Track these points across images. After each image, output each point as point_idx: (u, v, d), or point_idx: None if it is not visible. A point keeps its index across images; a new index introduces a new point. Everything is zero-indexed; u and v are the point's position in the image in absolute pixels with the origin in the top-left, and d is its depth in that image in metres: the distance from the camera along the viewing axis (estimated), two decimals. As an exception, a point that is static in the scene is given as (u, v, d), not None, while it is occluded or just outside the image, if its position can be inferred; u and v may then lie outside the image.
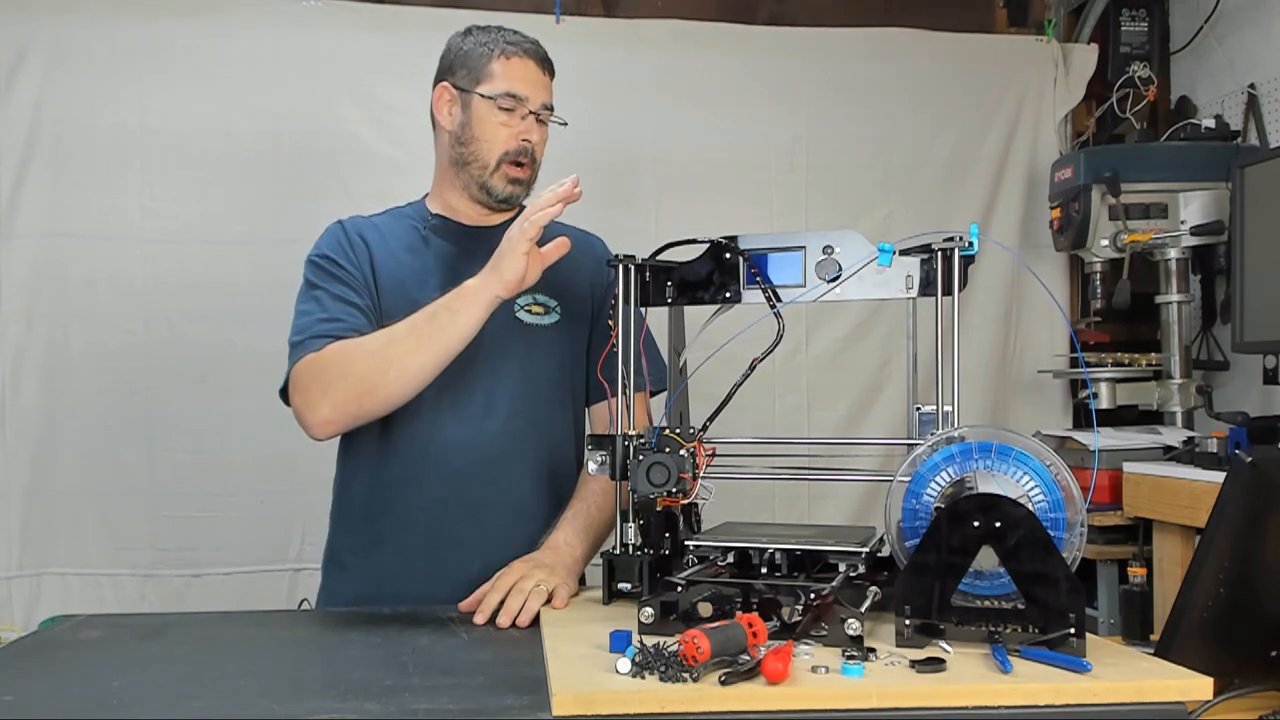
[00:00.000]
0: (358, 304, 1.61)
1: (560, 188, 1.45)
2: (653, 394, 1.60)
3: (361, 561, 1.67)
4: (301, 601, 1.84)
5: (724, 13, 2.89)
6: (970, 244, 1.31)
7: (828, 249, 1.39)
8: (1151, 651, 1.24)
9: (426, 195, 1.78)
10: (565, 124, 1.72)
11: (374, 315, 1.62)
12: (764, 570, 1.32)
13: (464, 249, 1.69)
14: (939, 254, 1.32)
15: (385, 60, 2.62)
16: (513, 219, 1.75)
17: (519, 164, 1.67)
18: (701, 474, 1.33)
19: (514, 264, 1.46)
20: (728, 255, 1.44)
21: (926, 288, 1.35)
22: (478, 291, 1.49)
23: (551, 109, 1.70)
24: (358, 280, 1.63)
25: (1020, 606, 1.12)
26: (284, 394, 1.61)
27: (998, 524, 1.11)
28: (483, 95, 1.65)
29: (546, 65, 1.70)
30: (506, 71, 1.66)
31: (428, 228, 1.71)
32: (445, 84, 1.70)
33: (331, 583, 1.71)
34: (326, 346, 1.54)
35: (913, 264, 1.36)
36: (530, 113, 1.66)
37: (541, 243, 1.74)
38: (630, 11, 2.87)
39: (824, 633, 1.15)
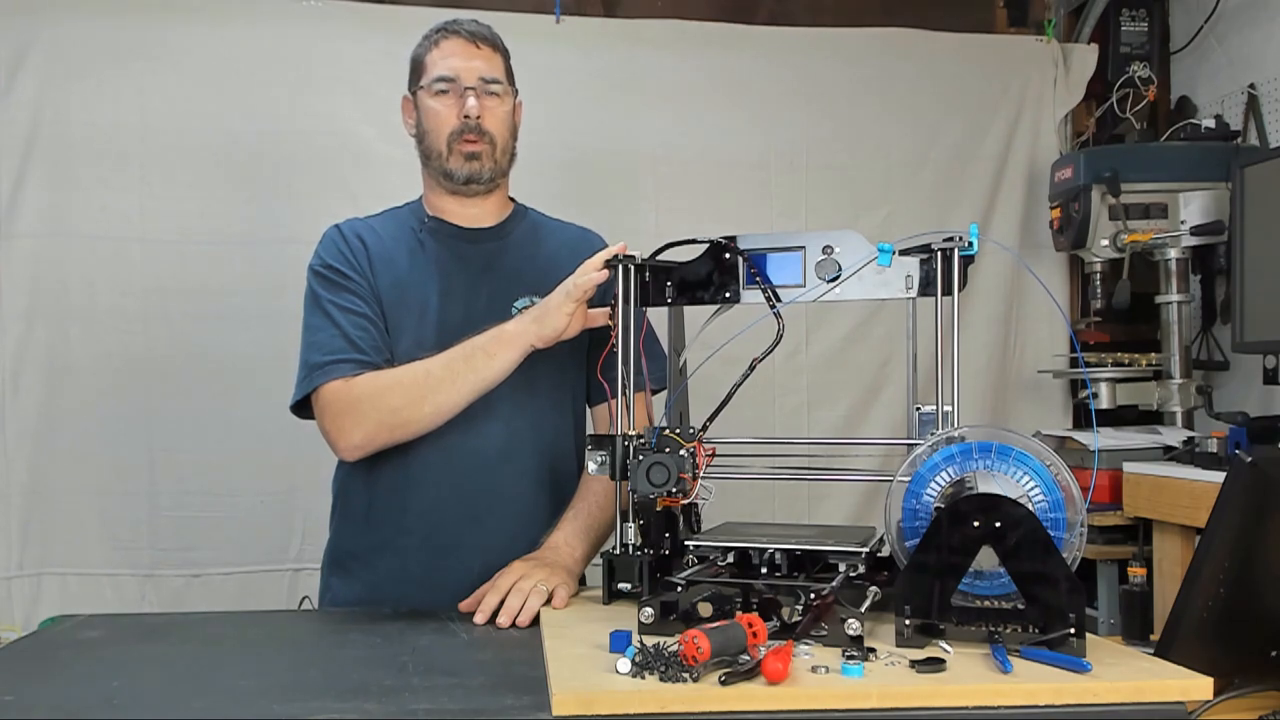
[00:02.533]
0: (369, 315, 1.61)
1: (607, 252, 1.46)
2: (654, 392, 1.60)
3: (362, 566, 1.67)
4: (302, 600, 1.84)
5: (724, 13, 2.90)
6: (970, 244, 1.31)
7: (827, 249, 1.39)
8: (1151, 651, 1.24)
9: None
10: (515, 88, 1.71)
11: (383, 322, 1.63)
12: (764, 570, 1.32)
13: (460, 252, 1.70)
14: (939, 254, 1.32)
15: (385, 60, 2.60)
16: (511, 220, 1.75)
17: (469, 140, 1.65)
18: (701, 474, 1.33)
19: (555, 322, 1.49)
20: (727, 255, 1.44)
21: (926, 288, 1.35)
22: (515, 337, 1.52)
23: (495, 80, 1.67)
24: (364, 288, 1.63)
25: (1020, 606, 1.12)
26: (296, 406, 1.62)
27: (998, 524, 1.11)
28: (422, 88, 1.67)
29: (480, 39, 1.68)
30: (436, 58, 1.67)
31: (424, 230, 1.71)
32: (405, 96, 1.73)
33: (332, 586, 1.71)
34: (359, 375, 1.56)
35: (912, 264, 1.36)
36: (468, 88, 1.64)
37: (531, 238, 1.75)
38: (630, 11, 2.87)
39: (824, 633, 1.15)
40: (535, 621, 1.36)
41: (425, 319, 1.64)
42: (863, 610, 1.17)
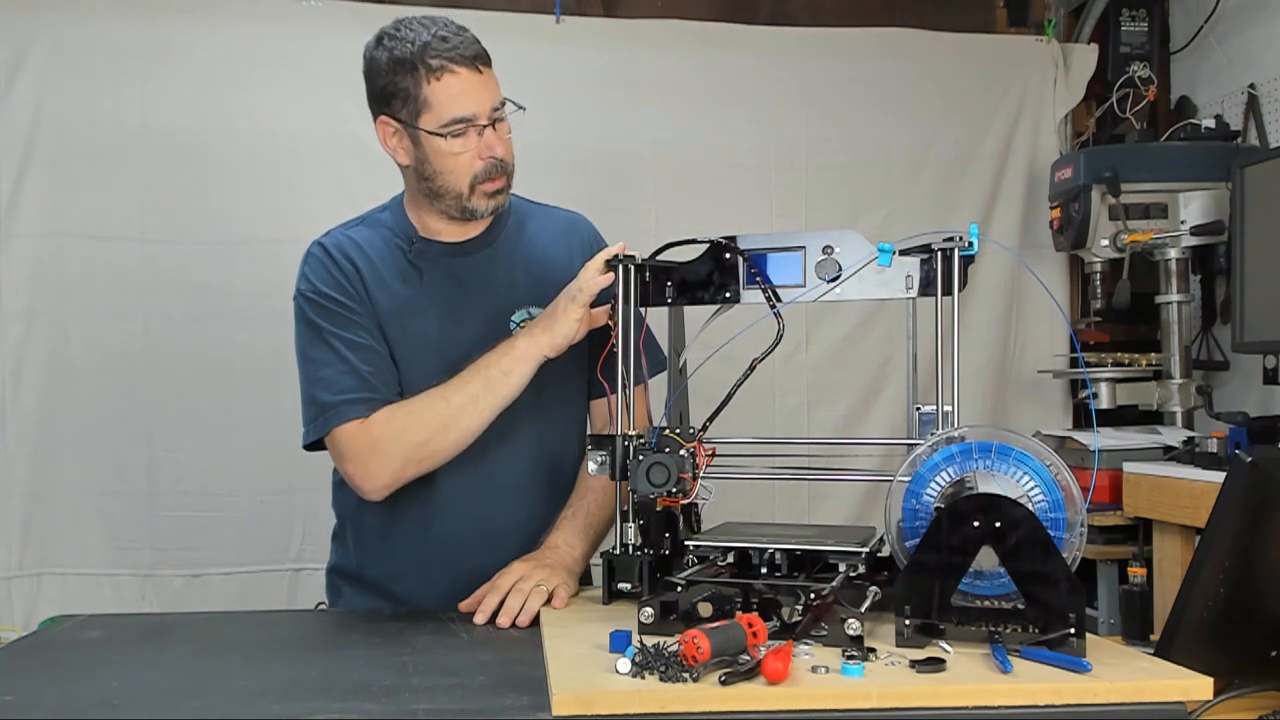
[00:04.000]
0: (374, 347, 1.57)
1: (607, 252, 1.45)
2: (652, 375, 1.58)
3: (365, 578, 1.66)
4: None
5: (724, 13, 2.90)
6: (970, 244, 1.31)
7: (827, 249, 1.39)
8: (1151, 651, 1.24)
9: (404, 195, 1.70)
10: (523, 108, 1.59)
11: (387, 349, 1.59)
12: (764, 570, 1.32)
13: (453, 270, 1.65)
14: (939, 254, 1.32)
15: (385, 60, 2.62)
16: (496, 221, 1.69)
17: (495, 179, 1.57)
18: (701, 474, 1.33)
19: (565, 329, 1.48)
20: (727, 255, 1.44)
21: (926, 288, 1.35)
22: (528, 349, 1.51)
23: (503, 103, 1.56)
24: (365, 316, 1.58)
25: (1020, 606, 1.12)
26: (310, 443, 1.58)
27: (998, 524, 1.11)
28: (429, 131, 1.53)
29: (481, 61, 1.54)
30: (441, 95, 1.51)
31: (414, 252, 1.64)
32: (384, 118, 1.57)
33: (345, 595, 1.70)
34: (375, 413, 1.52)
35: (912, 264, 1.36)
36: (485, 126, 1.54)
37: (519, 235, 1.72)
38: (630, 11, 2.87)
39: (824, 633, 1.15)
40: (535, 621, 1.36)
41: (428, 347, 1.60)
42: (863, 610, 1.16)
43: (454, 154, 1.54)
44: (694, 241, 1.45)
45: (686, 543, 1.38)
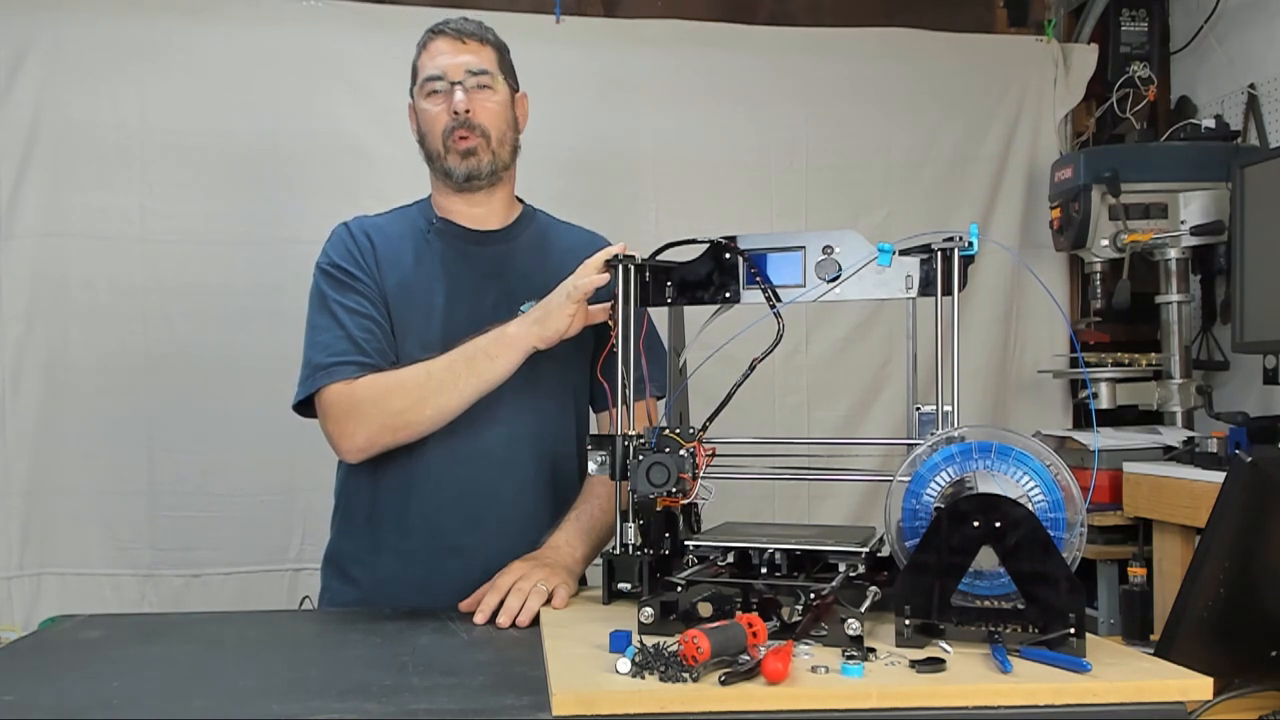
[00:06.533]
0: (374, 317, 1.61)
1: (607, 252, 1.47)
2: (655, 396, 1.60)
3: (362, 568, 1.67)
4: (303, 600, 1.83)
5: (724, 12, 2.90)
6: (970, 244, 1.31)
7: (827, 249, 1.39)
8: (1151, 651, 1.24)
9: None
10: (517, 85, 1.71)
11: (388, 324, 1.63)
12: (764, 570, 1.32)
13: (467, 253, 1.69)
14: (939, 254, 1.32)
15: (385, 60, 2.61)
16: (519, 223, 1.75)
17: (462, 136, 1.64)
18: (701, 474, 1.33)
19: (558, 323, 1.49)
20: (727, 255, 1.44)
21: (926, 288, 1.35)
22: (517, 339, 1.52)
23: (483, 72, 1.65)
24: (371, 289, 1.63)
25: (1020, 606, 1.12)
26: (298, 405, 1.62)
27: (998, 524, 1.11)
28: (417, 91, 1.68)
29: (467, 35, 1.67)
30: (426, 60, 1.67)
31: (432, 230, 1.70)
32: (409, 102, 1.72)
33: (331, 587, 1.71)
34: (361, 378, 1.56)
35: (912, 264, 1.36)
36: (454, 84, 1.64)
37: (539, 242, 1.75)
38: (630, 11, 2.87)
39: (824, 633, 1.15)
40: (535, 621, 1.36)
41: (431, 320, 1.63)
42: (863, 610, 1.17)
43: (429, 111, 1.66)
44: (694, 241, 1.45)
45: (686, 543, 1.38)
